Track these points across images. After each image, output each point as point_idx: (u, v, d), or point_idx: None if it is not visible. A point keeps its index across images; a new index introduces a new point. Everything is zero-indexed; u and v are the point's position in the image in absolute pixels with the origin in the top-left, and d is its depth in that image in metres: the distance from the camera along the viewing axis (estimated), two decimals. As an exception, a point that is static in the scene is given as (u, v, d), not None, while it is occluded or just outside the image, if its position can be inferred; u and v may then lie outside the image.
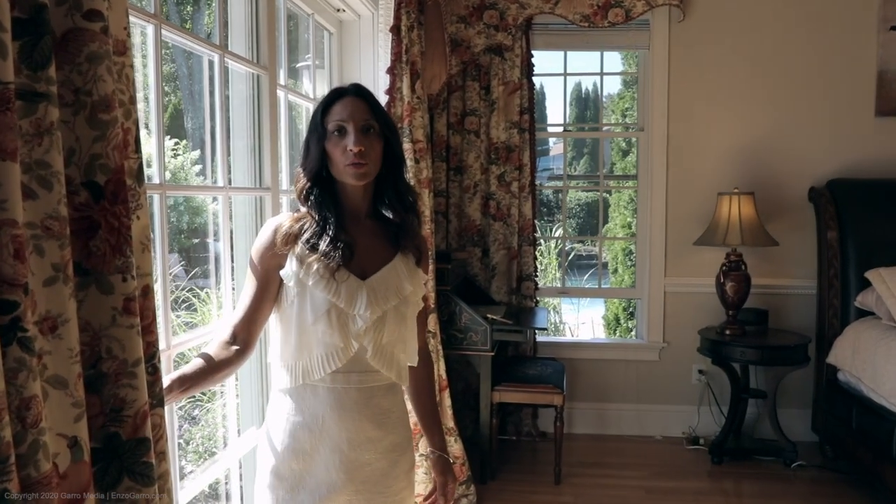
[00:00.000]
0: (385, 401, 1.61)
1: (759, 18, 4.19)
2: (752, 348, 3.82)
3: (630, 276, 6.58)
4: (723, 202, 3.98)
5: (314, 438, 1.56)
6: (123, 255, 0.88)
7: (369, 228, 1.64)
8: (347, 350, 1.53)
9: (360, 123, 1.55)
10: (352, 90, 1.60)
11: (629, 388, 4.50)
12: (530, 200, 4.34)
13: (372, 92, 1.64)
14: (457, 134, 4.36)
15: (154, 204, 1.82)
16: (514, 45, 4.24)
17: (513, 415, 4.36)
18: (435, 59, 3.64)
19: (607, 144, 8.30)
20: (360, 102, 1.57)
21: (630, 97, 6.92)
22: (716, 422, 4.31)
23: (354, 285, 1.55)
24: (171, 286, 2.16)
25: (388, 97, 2.84)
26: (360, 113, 1.56)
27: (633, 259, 6.67)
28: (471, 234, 4.37)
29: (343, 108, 1.56)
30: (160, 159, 1.87)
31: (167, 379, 1.37)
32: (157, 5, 1.78)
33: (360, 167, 1.53)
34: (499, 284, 4.32)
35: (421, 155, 2.98)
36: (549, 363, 4.08)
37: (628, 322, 6.71)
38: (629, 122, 7.32)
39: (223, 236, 2.22)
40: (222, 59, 2.11)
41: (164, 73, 1.84)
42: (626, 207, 6.74)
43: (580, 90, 17.12)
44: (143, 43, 1.89)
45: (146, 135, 2.27)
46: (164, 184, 1.84)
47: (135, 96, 0.96)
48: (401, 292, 1.60)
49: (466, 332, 3.59)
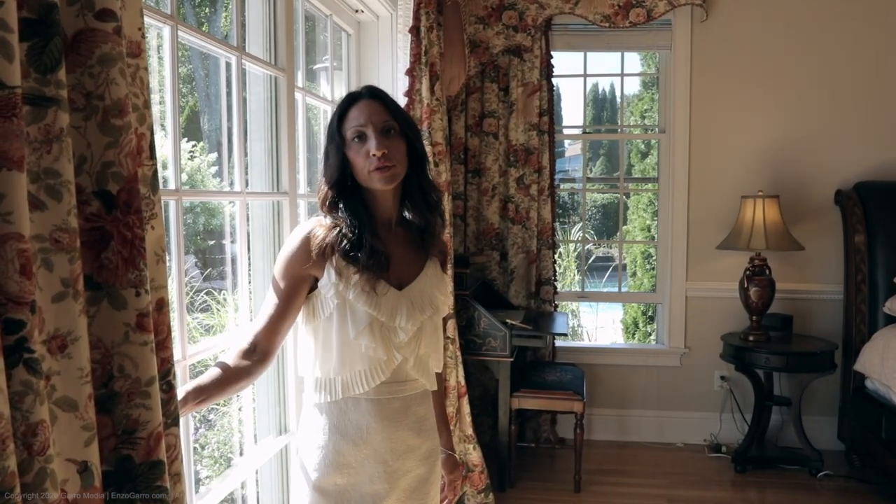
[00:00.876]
0: (421, 408, 1.62)
1: (783, 18, 4.10)
2: (777, 355, 3.74)
3: (649, 280, 6.50)
4: (746, 205, 3.90)
5: (358, 451, 1.54)
6: (137, 267, 0.84)
7: (401, 237, 1.61)
8: (391, 362, 1.51)
9: (380, 126, 1.50)
10: (365, 93, 1.56)
11: (650, 394, 4.42)
12: (549, 203, 4.27)
13: (387, 92, 1.60)
14: (475, 136, 4.30)
15: (170, 209, 1.78)
16: (534, 45, 4.18)
17: (531, 420, 4.30)
18: (454, 60, 3.59)
19: (626, 146, 8.23)
20: (375, 104, 1.53)
21: (649, 98, 6.85)
22: (738, 429, 4.22)
23: (394, 298, 1.52)
24: (185, 288, 2.12)
25: (408, 99, 2.79)
26: (378, 115, 1.52)
27: (652, 262, 6.58)
28: (489, 238, 4.31)
29: (360, 113, 1.52)
30: (176, 163, 1.83)
31: (182, 390, 1.33)
32: (173, 6, 1.74)
33: (386, 170, 1.49)
34: (517, 289, 4.26)
35: (440, 158, 2.93)
36: (568, 369, 4.02)
37: (647, 326, 6.62)
38: (648, 123, 7.24)
39: (240, 239, 2.18)
40: (240, 60, 2.08)
41: (180, 74, 1.80)
42: (646, 210, 6.66)
43: (597, 91, 17.01)
44: (160, 45, 1.86)
45: (161, 137, 2.23)
46: (180, 189, 1.80)
47: (149, 100, 0.92)
48: (434, 302, 1.59)
49: (485, 338, 3.53)
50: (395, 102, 1.58)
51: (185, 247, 1.82)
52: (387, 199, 1.57)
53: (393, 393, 1.54)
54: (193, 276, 5.59)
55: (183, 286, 1.85)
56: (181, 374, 1.79)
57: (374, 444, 1.54)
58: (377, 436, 1.53)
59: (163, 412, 0.90)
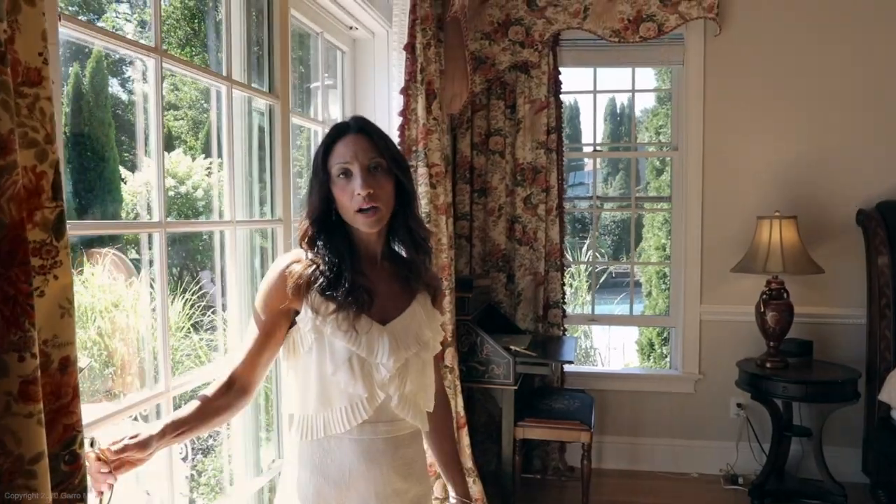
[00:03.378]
0: (410, 450, 1.52)
1: (800, 31, 3.96)
2: (796, 383, 3.56)
3: (665, 300, 6.32)
4: (763, 226, 3.74)
5: (341, 494, 1.45)
6: (21, 328, 0.73)
7: (387, 272, 1.55)
8: (373, 400, 1.44)
9: (367, 164, 1.43)
10: (353, 126, 1.47)
11: (663, 421, 4.25)
12: (558, 224, 4.14)
13: (376, 125, 1.51)
14: (481, 154, 4.19)
15: (154, 242, 1.74)
16: (541, 61, 4.06)
17: (538, 448, 4.15)
18: (456, 77, 3.48)
19: (642, 163, 8.06)
20: (363, 140, 1.45)
21: (664, 114, 6.69)
22: (756, 459, 4.03)
23: (376, 333, 1.46)
24: (189, 309, 2.03)
25: (402, 119, 2.69)
26: (365, 152, 1.44)
27: (666, 282, 6.40)
28: (495, 259, 4.18)
29: (346, 149, 1.45)
30: (160, 195, 1.77)
31: (160, 423, 1.33)
32: (157, 39, 1.70)
33: (372, 213, 1.44)
34: (524, 312, 4.12)
35: (438, 179, 2.82)
36: (577, 396, 3.87)
37: (663, 348, 6.43)
38: (663, 139, 7.08)
39: (230, 267, 2.11)
40: (230, 90, 2.02)
41: (194, 90, 1.81)
42: (661, 229, 6.49)
43: (614, 106, 16.85)
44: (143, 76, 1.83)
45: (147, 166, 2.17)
46: (164, 221, 1.76)
47: (54, 134, 0.81)
48: (421, 338, 1.51)
49: (488, 365, 3.40)
50: (384, 137, 1.50)
51: (200, 262, 1.80)
52: (371, 236, 1.51)
53: (377, 433, 1.46)
54: (210, 292, 5.52)
55: (167, 318, 1.79)
56: (165, 405, 1.74)
57: (357, 487, 1.45)
58: (360, 478, 1.45)
59: (63, 487, 0.79)
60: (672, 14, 3.91)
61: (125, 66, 20.41)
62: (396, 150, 1.51)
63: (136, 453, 1.24)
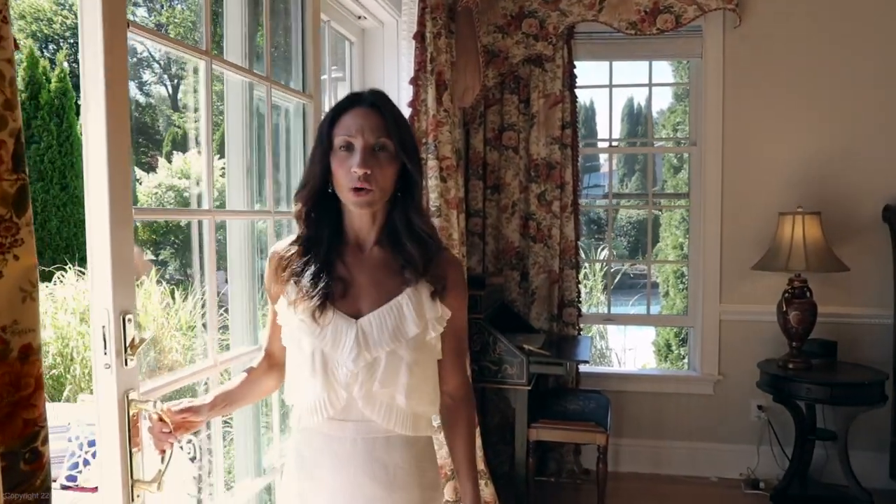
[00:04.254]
0: (390, 456, 1.38)
1: (823, 21, 3.83)
2: (820, 385, 3.43)
3: (682, 300, 6.20)
4: (784, 223, 3.62)
5: (314, 485, 1.41)
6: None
7: (376, 258, 1.43)
8: (334, 399, 1.36)
9: (371, 141, 1.34)
10: (368, 98, 1.39)
11: (681, 424, 4.14)
12: (573, 221, 4.04)
13: (393, 103, 1.43)
14: (494, 150, 4.10)
15: (204, 228, 1.81)
16: (556, 55, 3.97)
17: (553, 451, 4.05)
18: (467, 69, 3.40)
19: (658, 160, 7.93)
20: (374, 116, 1.36)
21: (682, 111, 6.57)
22: (778, 463, 3.91)
23: (343, 327, 1.36)
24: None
25: (412, 109, 2.61)
26: (373, 129, 1.35)
27: (684, 281, 6.28)
28: (509, 257, 4.09)
29: (353, 121, 1.36)
30: (209, 186, 1.79)
31: (211, 395, 1.44)
32: (207, 43, 1.74)
33: (362, 194, 1.34)
34: (538, 311, 4.03)
35: (449, 173, 2.74)
36: (592, 397, 3.76)
37: (681, 349, 6.30)
38: (681, 136, 6.96)
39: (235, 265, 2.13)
40: (269, 90, 2.01)
41: (214, 90, 1.78)
42: (678, 227, 6.35)
43: (632, 105, 16.69)
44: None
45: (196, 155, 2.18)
46: (213, 209, 1.82)
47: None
48: (401, 335, 1.37)
49: (501, 364, 3.31)
50: (399, 117, 1.40)
51: (215, 263, 1.84)
52: (363, 219, 1.42)
53: (345, 431, 1.38)
54: (223, 291, 5.50)
55: (215, 299, 1.83)
56: (214, 379, 1.79)
57: (326, 482, 1.39)
58: (328, 477, 1.39)
59: (23, 489, 0.71)
60: (690, 5, 3.80)
61: (142, 68, 20.38)
62: (408, 134, 1.41)
63: (191, 417, 1.38)
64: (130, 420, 1.34)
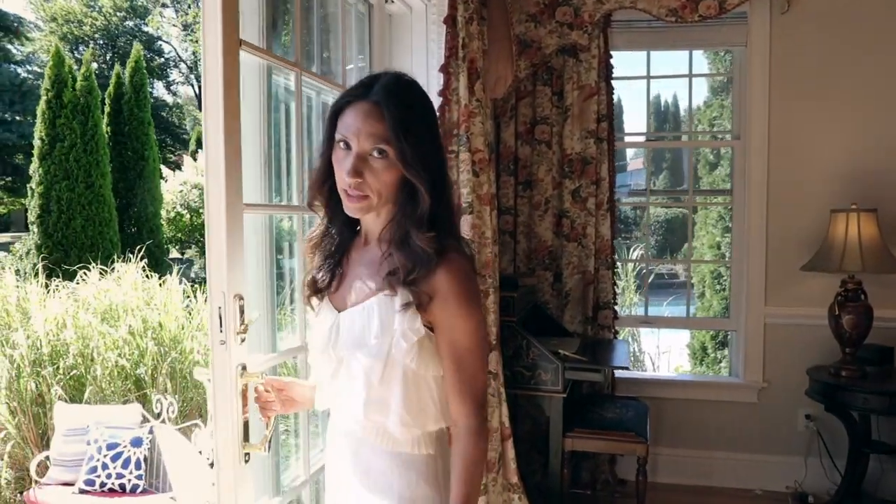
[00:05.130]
0: (377, 461, 1.33)
1: (877, 6, 3.59)
2: (877, 394, 3.21)
3: (719, 301, 5.96)
4: (837, 221, 3.39)
5: (328, 471, 1.47)
6: None
7: (372, 255, 1.34)
8: (319, 391, 1.41)
9: (367, 148, 1.22)
10: (374, 95, 1.23)
11: (723, 433, 3.92)
12: (609, 219, 3.85)
13: (406, 98, 1.25)
14: (526, 144, 3.92)
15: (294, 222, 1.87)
16: (591, 44, 3.78)
17: (588, 460, 3.86)
18: (500, 59, 3.23)
19: (690, 155, 7.67)
20: (376, 117, 1.21)
21: (718, 105, 6.32)
22: (828, 476, 3.68)
23: (326, 318, 1.35)
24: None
25: (442, 99, 2.44)
26: (371, 134, 1.21)
27: (721, 282, 6.04)
28: (541, 257, 3.91)
29: (353, 120, 1.23)
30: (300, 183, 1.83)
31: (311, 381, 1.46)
32: (298, 55, 1.85)
33: (354, 200, 1.25)
34: (572, 313, 3.84)
35: (481, 167, 2.57)
36: (630, 404, 3.57)
37: (717, 352, 6.06)
38: (717, 132, 6.70)
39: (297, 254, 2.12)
40: (299, 76, 1.95)
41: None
42: (715, 226, 6.12)
43: (659, 103, 16.34)
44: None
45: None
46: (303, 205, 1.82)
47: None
48: (363, 341, 1.28)
49: (534, 370, 3.13)
50: (405, 119, 1.22)
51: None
52: (367, 216, 1.33)
53: (337, 425, 1.41)
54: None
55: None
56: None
57: (334, 467, 1.43)
58: (332, 461, 1.44)
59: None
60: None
61: (169, 68, 20.54)
62: (413, 141, 1.22)
63: (291, 394, 1.49)
64: (241, 391, 1.51)
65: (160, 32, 22.96)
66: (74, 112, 8.91)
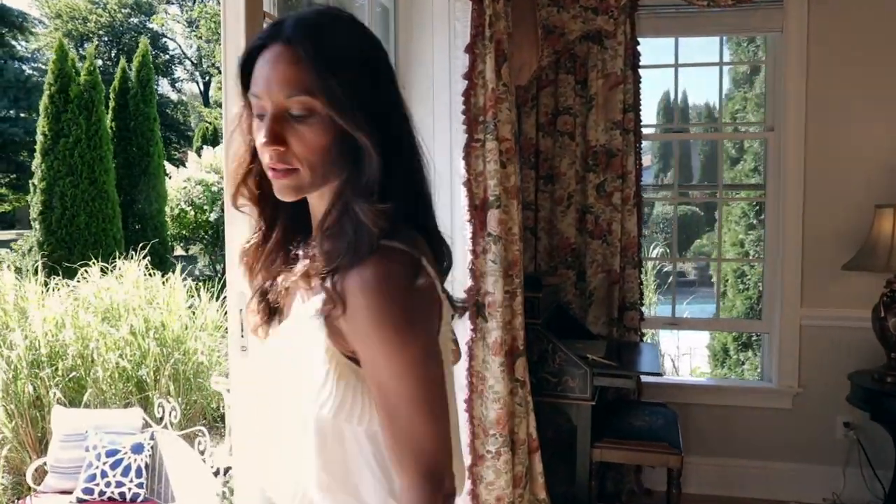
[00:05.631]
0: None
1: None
2: (927, 402, 3.00)
3: (743, 301, 5.74)
4: (883, 217, 3.18)
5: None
6: None
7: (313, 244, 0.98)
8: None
9: (282, 102, 0.90)
10: (282, 32, 0.91)
11: (754, 441, 3.72)
12: (635, 214, 3.64)
13: (330, 31, 0.92)
14: (547, 136, 3.72)
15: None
16: (617, 30, 3.56)
17: (612, 469, 3.65)
18: (524, 44, 3.03)
19: (719, 148, 7.45)
20: (288, 59, 0.90)
21: (741, 98, 6.12)
22: (868, 488, 3.47)
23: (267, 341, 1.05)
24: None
25: (468, 82, 2.24)
26: (285, 81, 0.89)
27: (745, 281, 5.82)
28: (564, 255, 3.70)
29: (260, 75, 0.92)
30: None
31: None
32: None
33: (280, 175, 0.92)
34: (596, 314, 3.63)
35: (509, 157, 2.37)
36: (658, 411, 3.36)
37: (740, 354, 5.84)
38: (741, 126, 6.49)
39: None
40: None
41: None
42: (738, 223, 5.90)
43: (668, 100, 16.05)
44: None
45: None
46: None
47: None
48: (299, 370, 0.96)
49: (560, 376, 2.93)
50: (332, 52, 0.90)
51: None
52: (310, 199, 1.00)
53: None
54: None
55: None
56: None
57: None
58: None
59: None
60: (772, -28, 3.37)
61: (174, 65, 20.50)
62: (350, 81, 0.90)
63: None
64: None
65: (164, 29, 22.81)
66: (79, 108, 8.74)
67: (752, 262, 5.80)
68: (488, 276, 2.27)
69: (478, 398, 2.31)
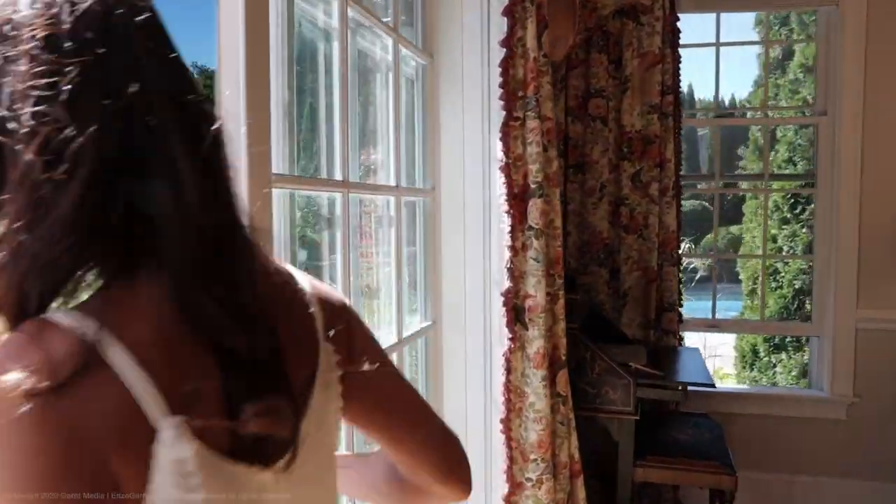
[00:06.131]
0: None
1: None
2: None
3: (776, 301, 5.40)
4: (955, 209, 2.86)
5: None
6: None
7: None
8: None
9: None
10: None
11: (804, 454, 3.42)
12: (674, 207, 3.33)
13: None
14: (577, 121, 3.40)
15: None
16: (654, 5, 3.24)
17: (648, 486, 3.34)
18: (558, 18, 2.69)
19: (766, 134, 7.10)
20: None
21: (773, 84, 5.77)
22: (931, 508, 3.17)
23: None
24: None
25: (506, 50, 1.92)
26: None
27: (778, 279, 5.49)
28: (595, 251, 3.39)
29: None
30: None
31: None
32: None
33: None
34: (631, 315, 3.32)
35: (549, 139, 2.05)
36: (702, 423, 3.06)
37: (771, 356, 5.52)
38: (772, 112, 6.14)
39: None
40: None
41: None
42: (770, 217, 5.56)
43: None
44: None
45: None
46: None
47: None
48: None
49: (600, 387, 2.61)
50: None
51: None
52: None
53: None
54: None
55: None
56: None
57: None
58: None
59: None
60: (829, -62, 3.05)
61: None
62: None
63: None
64: None
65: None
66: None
67: (802, 258, 5.45)
68: (529, 276, 1.96)
69: (516, 417, 2.00)
